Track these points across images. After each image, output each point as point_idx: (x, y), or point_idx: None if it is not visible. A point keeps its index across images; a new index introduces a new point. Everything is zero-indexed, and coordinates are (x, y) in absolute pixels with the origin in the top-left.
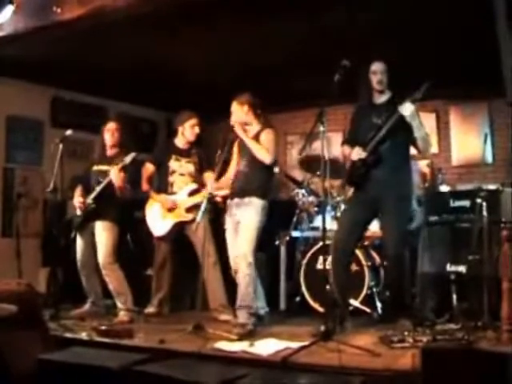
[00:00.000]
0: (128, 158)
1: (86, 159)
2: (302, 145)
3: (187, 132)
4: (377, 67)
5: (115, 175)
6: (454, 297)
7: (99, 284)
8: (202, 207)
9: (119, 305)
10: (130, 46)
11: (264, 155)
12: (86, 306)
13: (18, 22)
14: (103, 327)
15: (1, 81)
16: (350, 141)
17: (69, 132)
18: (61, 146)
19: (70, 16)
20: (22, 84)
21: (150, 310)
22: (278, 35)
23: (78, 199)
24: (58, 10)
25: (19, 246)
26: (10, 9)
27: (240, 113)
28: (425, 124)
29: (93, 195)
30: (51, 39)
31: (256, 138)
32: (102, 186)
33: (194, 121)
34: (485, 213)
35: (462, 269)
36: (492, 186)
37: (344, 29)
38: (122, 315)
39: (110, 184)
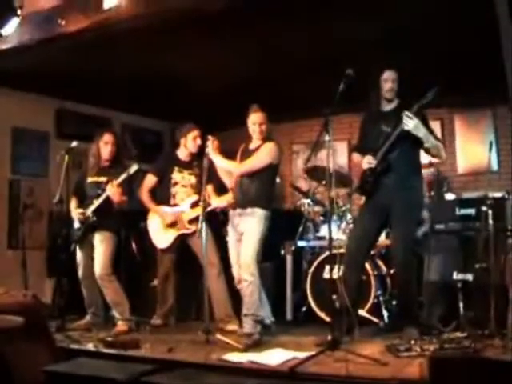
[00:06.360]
0: (124, 175)
1: None
2: (308, 154)
3: (189, 144)
4: (389, 75)
5: (112, 192)
6: (461, 305)
7: (100, 295)
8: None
9: (117, 315)
10: (134, 57)
11: (233, 168)
12: (87, 318)
13: (24, 35)
14: (109, 338)
15: (6, 92)
16: (360, 148)
17: (74, 143)
18: (66, 157)
19: (75, 28)
20: (27, 96)
21: (156, 321)
22: (282, 44)
23: (77, 211)
24: (63, 22)
25: (25, 257)
26: (15, 21)
27: None
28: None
29: (91, 208)
30: (56, 51)
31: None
32: (100, 200)
33: (195, 133)
34: (491, 221)
35: (468, 277)
36: (498, 194)
37: (349, 38)
38: (121, 325)
39: (107, 197)
